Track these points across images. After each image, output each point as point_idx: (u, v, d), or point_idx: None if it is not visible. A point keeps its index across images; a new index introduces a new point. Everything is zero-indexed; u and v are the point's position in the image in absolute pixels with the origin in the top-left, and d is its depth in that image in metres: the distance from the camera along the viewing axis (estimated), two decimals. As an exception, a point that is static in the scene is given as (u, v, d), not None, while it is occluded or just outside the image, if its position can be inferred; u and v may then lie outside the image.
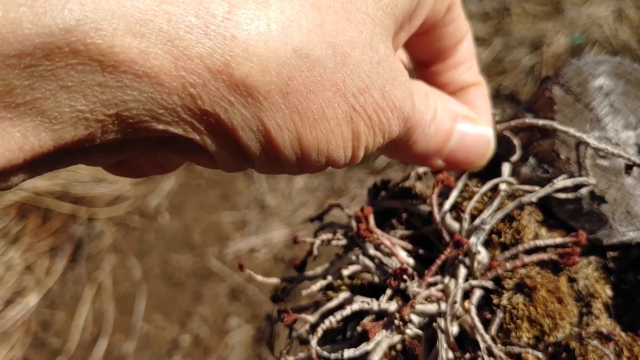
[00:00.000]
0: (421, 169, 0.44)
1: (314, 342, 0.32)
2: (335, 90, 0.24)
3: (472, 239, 0.35)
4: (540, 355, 0.34)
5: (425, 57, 0.37)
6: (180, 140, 0.23)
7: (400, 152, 0.33)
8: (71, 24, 0.18)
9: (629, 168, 0.38)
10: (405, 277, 0.34)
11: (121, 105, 0.20)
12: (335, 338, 0.37)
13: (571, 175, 0.38)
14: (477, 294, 0.35)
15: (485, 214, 0.36)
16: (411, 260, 0.37)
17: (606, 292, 0.39)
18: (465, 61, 0.37)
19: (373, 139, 0.27)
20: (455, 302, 0.35)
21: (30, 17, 0.17)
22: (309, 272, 0.40)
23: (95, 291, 1.83)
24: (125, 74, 0.19)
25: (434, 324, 0.35)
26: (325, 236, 0.39)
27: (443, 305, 0.35)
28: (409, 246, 0.38)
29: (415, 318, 0.35)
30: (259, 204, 2.02)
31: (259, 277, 0.39)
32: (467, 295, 0.36)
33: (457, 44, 0.36)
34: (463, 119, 0.35)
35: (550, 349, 0.37)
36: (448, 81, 0.37)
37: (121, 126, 0.21)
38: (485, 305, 0.36)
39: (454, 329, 0.35)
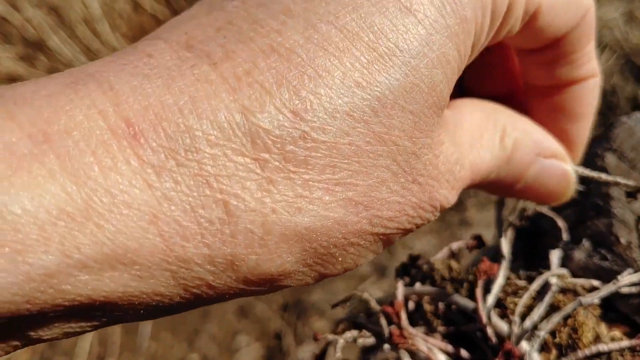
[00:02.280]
0: (455, 245, 0.39)
1: None
2: (361, 233, 0.22)
3: (524, 346, 0.30)
4: None
5: (517, 44, 0.30)
6: None
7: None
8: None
9: None
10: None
11: (116, 316, 0.20)
12: None
13: (634, 263, 0.33)
14: (531, 412, 0.30)
15: (535, 315, 0.31)
16: (451, 365, 0.32)
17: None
18: (575, 49, 0.29)
19: (408, 233, 0.25)
20: (506, 423, 0.30)
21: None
22: (333, 374, 0.35)
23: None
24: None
25: None
26: (350, 334, 0.34)
27: None
28: (449, 347, 0.33)
29: None
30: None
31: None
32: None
33: (565, 28, 0.27)
34: (546, 158, 0.30)
35: None
36: (545, 74, 0.30)
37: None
38: None
39: None
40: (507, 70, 0.33)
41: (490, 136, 0.28)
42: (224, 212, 0.19)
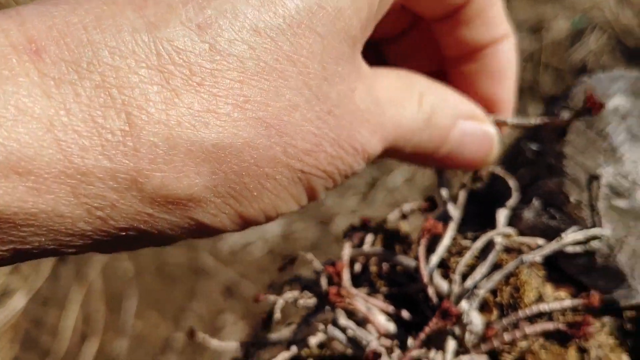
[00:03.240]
0: (406, 207, 0.38)
1: None
2: (275, 163, 0.22)
3: (464, 305, 0.29)
4: None
5: (424, 12, 0.31)
6: None
7: (391, 156, 0.30)
8: None
9: None
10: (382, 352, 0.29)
11: (18, 242, 0.19)
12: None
13: (583, 222, 0.32)
14: (469, 371, 0.29)
15: (477, 274, 0.30)
16: (392, 326, 0.32)
17: (622, 359, 0.33)
18: (481, 13, 0.30)
19: (333, 183, 0.25)
20: (443, 383, 0.29)
21: None
22: (274, 335, 0.34)
23: (86, 290, 1.79)
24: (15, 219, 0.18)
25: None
26: (291, 294, 0.33)
27: (428, 386, 0.29)
28: (390, 308, 0.32)
29: (395, 401, 0.29)
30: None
31: (214, 342, 0.34)
32: (457, 371, 0.30)
33: None
34: (465, 120, 0.31)
35: None
36: (458, 41, 0.31)
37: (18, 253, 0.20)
38: (480, 383, 0.30)
39: (442, 412, 0.29)
40: (429, 49, 0.34)
41: (408, 99, 0.28)
42: (126, 123, 0.18)
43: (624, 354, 0.33)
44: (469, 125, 0.31)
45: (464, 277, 0.31)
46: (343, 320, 0.30)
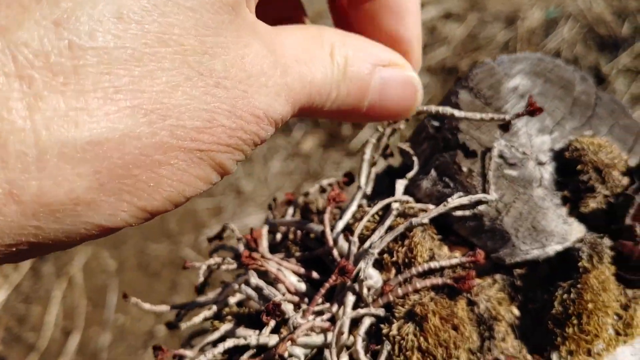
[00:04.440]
0: (325, 182, 0.41)
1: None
2: (165, 149, 0.20)
3: (361, 264, 0.33)
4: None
5: None
6: None
7: (311, 115, 0.29)
8: None
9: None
10: (285, 309, 0.32)
11: None
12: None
13: (474, 189, 0.35)
14: (367, 322, 0.33)
15: (375, 236, 0.34)
16: (303, 286, 0.35)
17: (513, 312, 0.36)
18: None
19: (242, 154, 0.24)
20: (342, 333, 0.32)
21: None
22: (201, 298, 0.37)
23: (68, 285, 1.80)
24: None
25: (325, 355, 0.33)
26: (214, 261, 0.37)
27: (330, 336, 0.32)
28: (301, 270, 0.35)
29: (301, 351, 0.33)
30: (234, 189, 1.99)
31: (146, 306, 0.37)
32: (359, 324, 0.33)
33: None
34: (385, 67, 0.30)
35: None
36: (367, 15, 0.31)
37: None
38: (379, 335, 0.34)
39: (344, 360, 0.33)
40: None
41: (318, 53, 0.27)
42: None
43: (514, 307, 0.37)
44: (389, 73, 0.29)
45: (365, 240, 0.34)
46: (254, 279, 0.33)
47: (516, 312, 0.36)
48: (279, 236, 0.39)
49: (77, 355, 1.73)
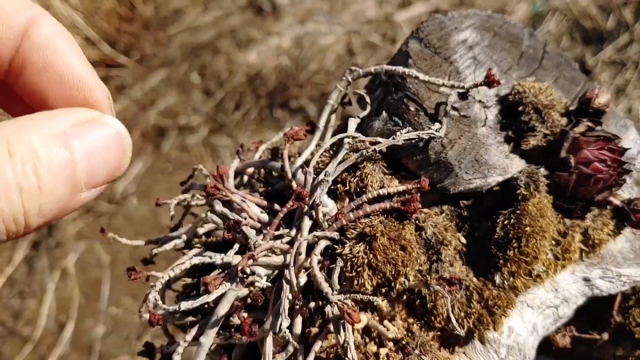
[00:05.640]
0: (290, 131, 0.44)
1: (151, 295, 0.33)
2: None
3: (317, 191, 0.36)
4: (379, 300, 0.35)
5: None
6: None
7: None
8: None
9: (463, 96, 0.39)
10: (248, 233, 0.35)
11: None
12: (190, 294, 0.38)
13: (420, 127, 0.39)
14: (322, 244, 0.36)
15: (329, 168, 0.37)
16: (265, 216, 0.38)
17: (460, 239, 0.40)
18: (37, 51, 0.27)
19: None
20: (300, 254, 0.35)
21: None
22: (174, 234, 0.40)
23: (62, 278, 1.83)
24: None
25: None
26: (184, 196, 0.40)
27: (289, 257, 0.36)
28: (264, 202, 0.38)
29: (263, 270, 0.36)
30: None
31: (123, 240, 0.40)
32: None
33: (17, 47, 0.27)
34: (78, 127, 0.27)
35: (404, 297, 0.38)
36: (31, 91, 0.29)
37: None
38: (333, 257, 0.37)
39: (303, 280, 0.36)
40: None
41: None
42: None
43: (461, 235, 0.40)
44: (89, 136, 0.26)
45: (320, 172, 0.38)
46: (219, 207, 0.37)
47: (463, 240, 0.40)
48: (245, 178, 0.43)
49: (71, 346, 1.75)
